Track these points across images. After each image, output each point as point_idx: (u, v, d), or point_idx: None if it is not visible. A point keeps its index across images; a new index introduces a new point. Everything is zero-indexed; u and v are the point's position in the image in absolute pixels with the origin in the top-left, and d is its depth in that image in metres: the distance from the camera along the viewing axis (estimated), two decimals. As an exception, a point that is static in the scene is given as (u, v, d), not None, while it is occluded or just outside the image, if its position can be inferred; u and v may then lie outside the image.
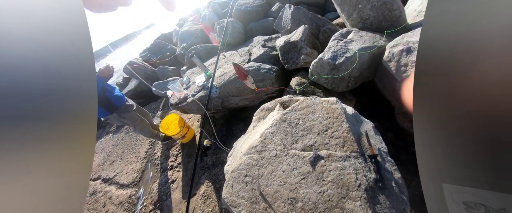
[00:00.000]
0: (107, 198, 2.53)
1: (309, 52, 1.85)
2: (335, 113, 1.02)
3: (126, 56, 6.44)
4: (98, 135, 4.32)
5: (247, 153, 1.09)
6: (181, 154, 2.50)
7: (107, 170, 3.02)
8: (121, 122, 2.22)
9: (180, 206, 1.94)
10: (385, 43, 1.54)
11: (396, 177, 0.88)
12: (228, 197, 1.00)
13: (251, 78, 1.54)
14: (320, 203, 0.83)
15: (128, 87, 4.55)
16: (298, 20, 2.28)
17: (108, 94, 2.00)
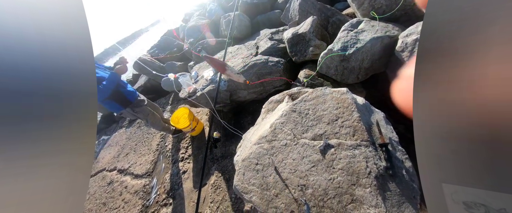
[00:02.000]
0: (123, 188, 2.69)
1: (317, 44, 1.83)
2: (346, 103, 1.02)
3: (135, 53, 6.60)
4: (112, 130, 4.53)
5: (257, 143, 1.12)
6: (191, 147, 2.59)
7: (122, 162, 3.19)
8: (134, 116, 2.31)
9: (192, 195, 2.03)
10: (398, 32, 1.49)
11: (407, 165, 0.89)
12: (240, 184, 1.04)
13: (232, 68, 1.16)
14: (330, 190, 0.85)
15: (138, 83, 4.69)
16: (306, 11, 2.24)
17: (122, 90, 2.08)
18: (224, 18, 3.34)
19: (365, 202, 0.79)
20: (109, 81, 1.91)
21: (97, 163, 3.69)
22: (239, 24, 2.97)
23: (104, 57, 13.18)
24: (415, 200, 0.79)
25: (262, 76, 2.05)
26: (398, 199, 0.80)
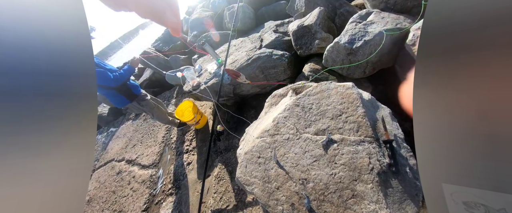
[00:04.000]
0: (131, 177, 2.81)
1: (324, 37, 1.77)
2: (351, 98, 1.00)
3: (140, 47, 6.64)
4: (119, 121, 4.67)
5: (260, 136, 1.13)
6: (196, 139, 2.65)
7: (129, 153, 3.31)
8: (139, 110, 2.36)
9: (196, 186, 2.10)
10: (410, 25, 1.41)
11: (411, 163, 0.87)
12: (242, 176, 1.07)
13: (243, 76, 1.69)
14: (331, 184, 0.86)
15: (143, 76, 4.76)
16: (313, 2, 2.15)
17: (128, 83, 2.12)
18: (227, 10, 3.27)
19: (366, 197, 0.79)
20: (126, 71, 2.01)
21: (106, 153, 3.85)
22: (243, 16, 2.90)
23: (106, 53, 13.26)
24: (418, 198, 0.78)
25: (266, 70, 2.03)
26: (400, 196, 0.79)
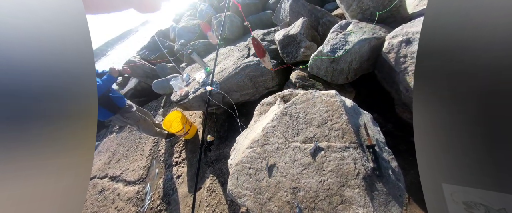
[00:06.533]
0: (116, 195, 2.62)
1: (308, 45, 1.85)
2: (335, 106, 1.04)
3: (124, 55, 6.40)
4: (101, 135, 4.38)
5: (249, 147, 1.13)
6: (185, 150, 2.56)
7: (113, 168, 3.10)
8: (124, 122, 2.24)
9: (187, 200, 2.02)
10: (385, 34, 1.53)
11: (393, 165, 0.92)
12: (233, 189, 1.05)
13: (268, 56, 1.41)
14: (320, 192, 0.87)
15: (128, 86, 4.56)
16: (297, 12, 2.25)
17: (110, 94, 2.01)
18: (215, 19, 3.31)
19: (354, 202, 0.82)
20: (105, 81, 1.85)
21: (87, 170, 3.55)
22: (230, 24, 2.95)
23: (92, 58, 12.70)
24: (401, 199, 0.82)
25: (254, 78, 2.05)
26: (385, 198, 0.83)
